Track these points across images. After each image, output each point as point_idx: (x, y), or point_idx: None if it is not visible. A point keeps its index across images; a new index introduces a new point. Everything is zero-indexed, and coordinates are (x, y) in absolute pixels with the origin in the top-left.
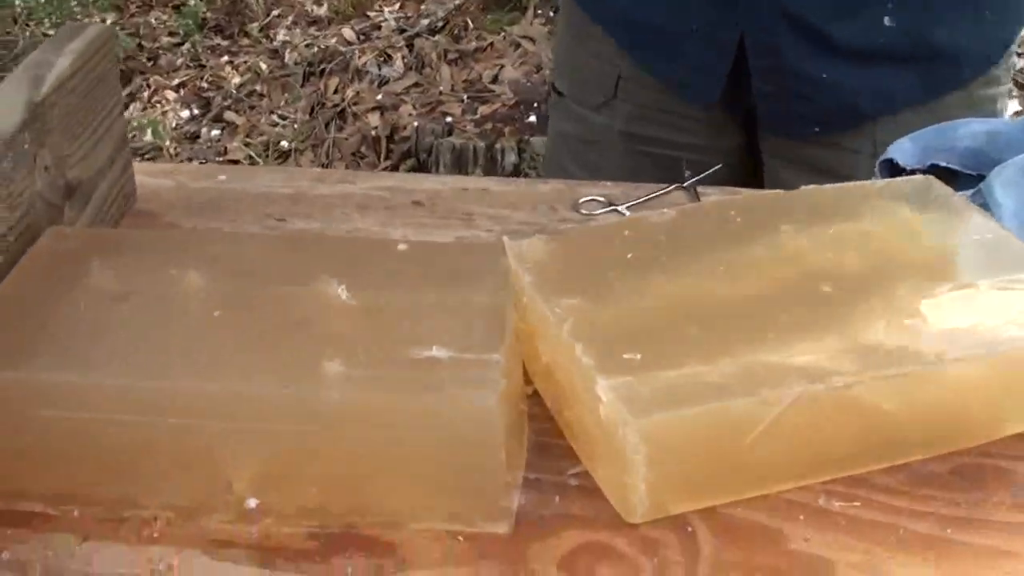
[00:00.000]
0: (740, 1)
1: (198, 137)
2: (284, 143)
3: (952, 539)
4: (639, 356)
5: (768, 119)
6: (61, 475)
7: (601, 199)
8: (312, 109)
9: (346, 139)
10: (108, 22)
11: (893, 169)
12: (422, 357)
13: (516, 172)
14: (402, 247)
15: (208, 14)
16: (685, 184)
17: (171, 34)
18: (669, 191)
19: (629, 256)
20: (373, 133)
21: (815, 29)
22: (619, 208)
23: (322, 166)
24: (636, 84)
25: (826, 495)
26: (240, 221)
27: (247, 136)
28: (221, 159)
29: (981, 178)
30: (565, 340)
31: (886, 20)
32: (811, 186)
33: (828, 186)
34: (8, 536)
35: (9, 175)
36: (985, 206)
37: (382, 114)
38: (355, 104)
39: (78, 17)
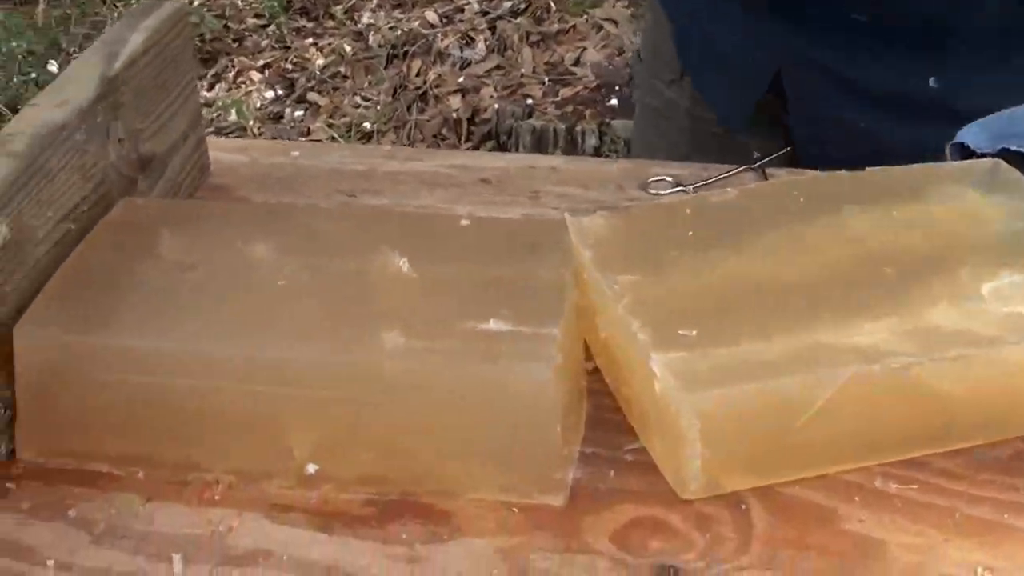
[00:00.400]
0: (780, 47)
1: (282, 117)
2: (367, 124)
3: (1010, 524)
4: (694, 333)
5: (802, 159)
6: (128, 437)
7: (669, 179)
8: (395, 91)
9: (428, 121)
10: (195, 3)
11: (964, 152)
12: (480, 329)
13: (597, 155)
14: (464, 222)
15: None
16: (755, 166)
17: (257, 16)
18: (738, 172)
19: (689, 234)
20: (454, 115)
21: (854, 82)
22: (687, 189)
23: None
24: None
25: (883, 477)
26: (311, 196)
27: (330, 117)
28: (304, 140)
29: None
30: (622, 316)
31: (931, 82)
32: (876, 168)
33: (893, 168)
34: (76, 494)
35: (83, 147)
36: None
37: (463, 96)
38: (437, 86)
39: None
